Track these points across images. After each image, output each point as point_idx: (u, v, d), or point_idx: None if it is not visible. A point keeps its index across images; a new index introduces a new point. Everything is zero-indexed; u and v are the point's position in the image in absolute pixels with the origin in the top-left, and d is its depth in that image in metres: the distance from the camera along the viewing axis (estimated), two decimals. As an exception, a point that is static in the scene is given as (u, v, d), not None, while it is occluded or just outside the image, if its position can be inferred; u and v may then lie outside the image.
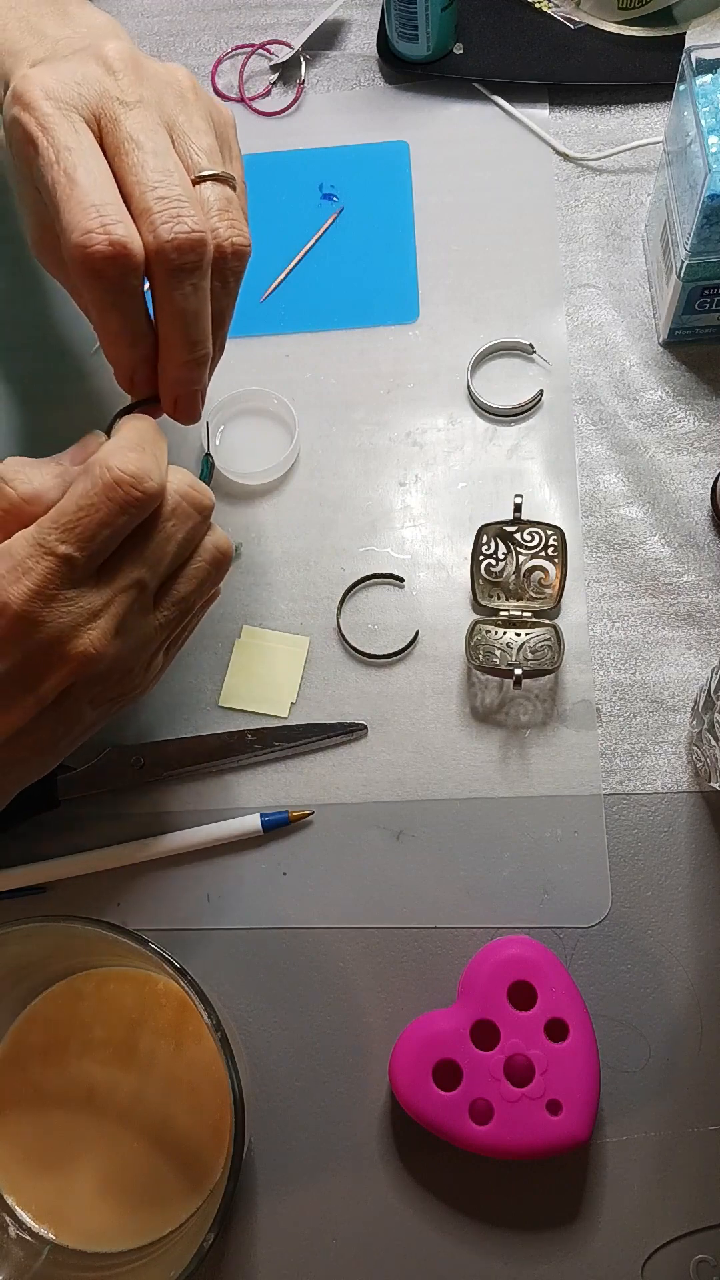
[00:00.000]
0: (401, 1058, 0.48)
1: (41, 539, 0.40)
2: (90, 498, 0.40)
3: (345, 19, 0.70)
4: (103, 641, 0.41)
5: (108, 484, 0.40)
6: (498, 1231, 0.49)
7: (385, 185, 0.66)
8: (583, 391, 0.60)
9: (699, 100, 0.50)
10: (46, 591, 0.40)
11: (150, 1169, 0.49)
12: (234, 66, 0.69)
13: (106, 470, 0.40)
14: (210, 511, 0.45)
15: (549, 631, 0.55)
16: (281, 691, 0.56)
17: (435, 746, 0.55)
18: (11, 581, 0.39)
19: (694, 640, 0.56)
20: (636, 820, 0.53)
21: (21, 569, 0.39)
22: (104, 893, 0.54)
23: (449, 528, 0.59)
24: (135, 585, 0.42)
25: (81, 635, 0.41)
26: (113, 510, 0.40)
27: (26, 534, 0.40)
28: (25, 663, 0.41)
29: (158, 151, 0.41)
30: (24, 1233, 0.48)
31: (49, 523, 0.40)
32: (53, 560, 0.40)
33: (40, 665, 0.41)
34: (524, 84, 0.66)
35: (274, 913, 0.53)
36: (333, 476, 0.60)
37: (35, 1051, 0.51)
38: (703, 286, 0.56)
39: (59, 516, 0.40)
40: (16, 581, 0.39)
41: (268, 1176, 0.50)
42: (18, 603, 0.39)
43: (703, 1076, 0.50)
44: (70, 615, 0.40)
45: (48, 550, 0.40)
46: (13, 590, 0.39)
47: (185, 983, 0.43)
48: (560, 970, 0.49)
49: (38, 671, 0.41)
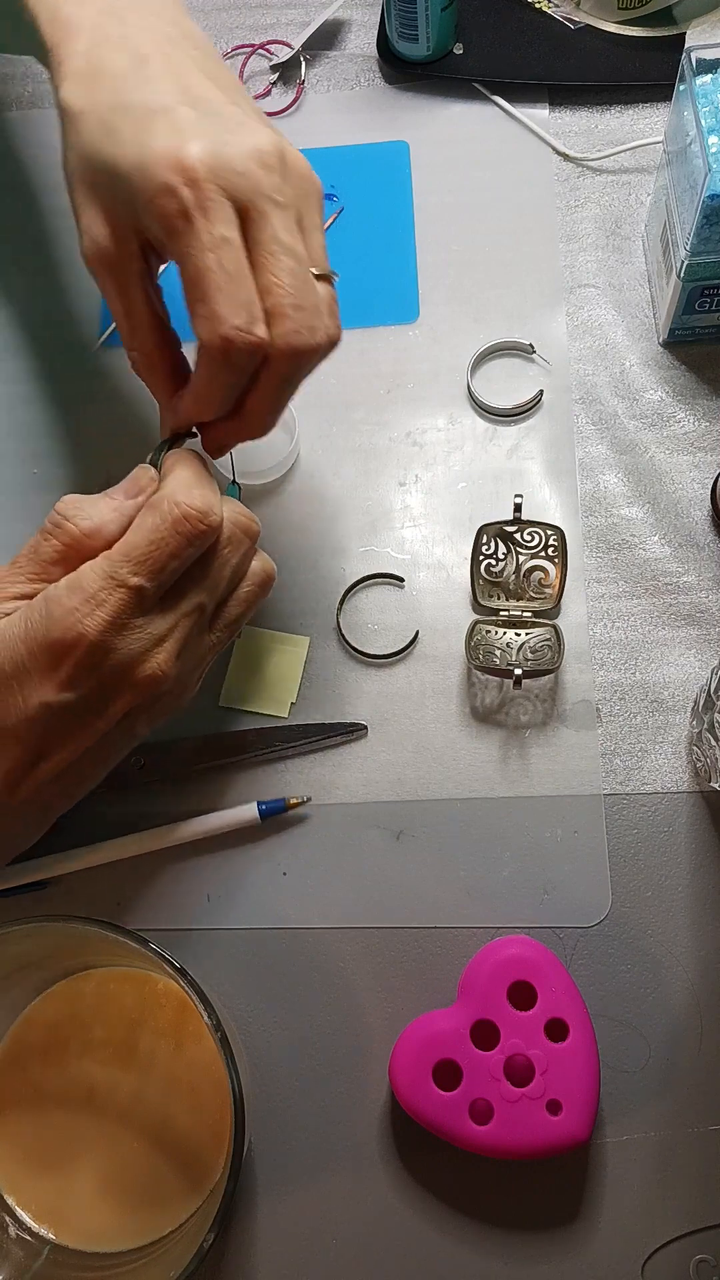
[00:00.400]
0: (401, 1058, 0.48)
1: (113, 571, 0.42)
2: (160, 532, 0.43)
3: (345, 19, 0.70)
4: (168, 664, 0.44)
5: (176, 519, 0.43)
6: (498, 1231, 0.49)
7: (385, 185, 0.66)
8: (583, 391, 0.61)
9: (699, 100, 0.50)
10: (119, 621, 0.42)
11: (150, 1169, 0.49)
12: (234, 66, 0.69)
13: (175, 506, 0.43)
14: (258, 537, 0.48)
15: (549, 631, 0.55)
16: (281, 691, 0.56)
17: (435, 746, 0.55)
18: (87, 613, 0.42)
19: (694, 640, 0.56)
20: (636, 820, 0.53)
21: (95, 601, 0.42)
22: (104, 893, 0.54)
23: (449, 528, 0.59)
24: (196, 610, 0.45)
25: (149, 660, 0.44)
26: (181, 543, 0.43)
27: (96, 567, 0.42)
28: (98, 689, 0.43)
29: (296, 256, 0.43)
30: (24, 1233, 0.48)
31: (120, 556, 0.42)
32: (125, 592, 0.42)
33: (111, 690, 0.44)
34: (524, 84, 0.66)
35: (274, 913, 0.53)
36: (333, 476, 0.60)
37: (35, 1051, 0.51)
38: (703, 286, 0.56)
39: (130, 550, 0.42)
40: (91, 613, 0.42)
41: (268, 1176, 0.50)
42: (94, 633, 0.42)
43: (703, 1076, 0.50)
44: (140, 642, 0.43)
45: (120, 582, 0.42)
46: (89, 621, 0.42)
47: (185, 983, 0.43)
48: (560, 970, 0.49)
49: (108, 696, 0.44)
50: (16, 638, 0.43)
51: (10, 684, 0.43)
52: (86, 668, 0.42)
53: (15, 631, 0.43)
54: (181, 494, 0.43)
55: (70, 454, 0.61)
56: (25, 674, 0.43)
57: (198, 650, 0.46)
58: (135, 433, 0.61)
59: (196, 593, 0.45)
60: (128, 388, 0.62)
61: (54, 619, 0.42)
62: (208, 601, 0.46)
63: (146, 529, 0.43)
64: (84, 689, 0.43)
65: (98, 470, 0.60)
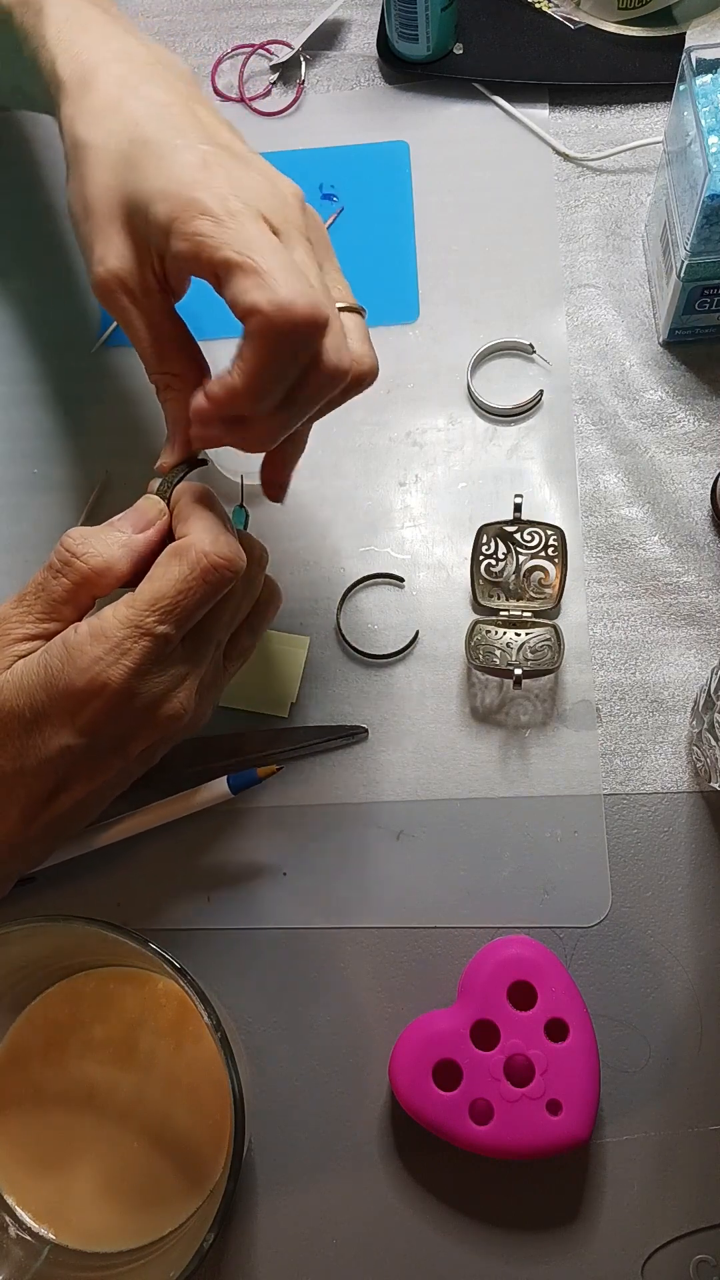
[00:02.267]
0: (401, 1058, 0.48)
1: (139, 621, 0.42)
2: (189, 582, 0.42)
3: (345, 19, 0.70)
4: (188, 702, 0.44)
5: (206, 569, 0.42)
6: (498, 1231, 0.49)
7: (385, 185, 0.65)
8: (583, 391, 0.60)
9: (699, 100, 0.50)
10: (143, 669, 0.42)
11: (150, 1169, 0.49)
12: (234, 66, 0.69)
13: (204, 556, 0.42)
14: (266, 564, 0.48)
15: (549, 631, 0.55)
16: (281, 691, 0.56)
17: (435, 746, 0.55)
18: (111, 663, 0.42)
19: (694, 640, 0.56)
20: (636, 820, 0.53)
21: (120, 650, 0.42)
22: (104, 893, 0.54)
23: (449, 528, 0.59)
24: (214, 647, 0.46)
25: (171, 700, 0.44)
26: (210, 593, 0.43)
27: (120, 615, 0.42)
28: (120, 732, 0.43)
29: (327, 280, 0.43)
30: (24, 1233, 0.48)
31: (145, 605, 0.42)
32: (150, 640, 0.42)
33: (132, 732, 0.44)
34: (524, 84, 0.66)
35: (274, 913, 0.53)
36: (333, 476, 0.60)
37: (35, 1051, 0.51)
38: (703, 286, 0.56)
39: (157, 600, 0.42)
40: (116, 663, 0.42)
41: (268, 1176, 0.50)
42: (117, 682, 0.42)
43: (703, 1076, 0.50)
44: (162, 685, 0.43)
45: (145, 631, 0.42)
46: (113, 671, 0.42)
47: (185, 983, 0.43)
48: (560, 970, 0.49)
49: (128, 737, 0.44)
50: (37, 685, 0.43)
51: (31, 728, 0.43)
52: (109, 715, 0.43)
53: (34, 678, 0.43)
54: (209, 544, 0.43)
55: (70, 454, 0.61)
56: (45, 719, 0.43)
57: (214, 682, 0.47)
58: (135, 433, 0.61)
59: (214, 631, 0.45)
60: (128, 388, 0.62)
61: (77, 668, 0.42)
62: (224, 637, 0.46)
63: (174, 579, 0.42)
64: (105, 734, 0.43)
65: (98, 470, 0.60)
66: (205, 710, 0.48)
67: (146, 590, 0.42)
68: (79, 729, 0.43)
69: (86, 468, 0.61)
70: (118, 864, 0.54)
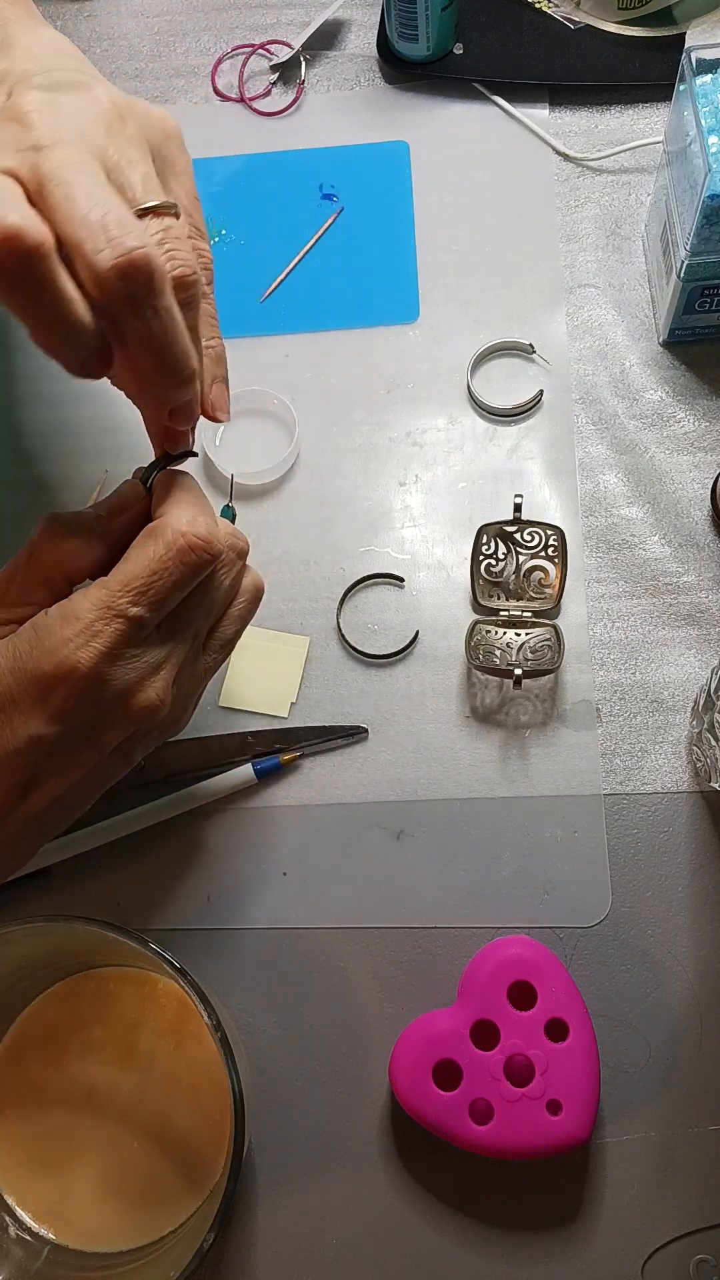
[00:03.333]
0: (401, 1058, 0.48)
1: (111, 602, 0.40)
2: (165, 562, 0.41)
3: (345, 19, 0.70)
4: (164, 693, 0.42)
5: (182, 549, 0.41)
6: (498, 1231, 0.49)
7: (385, 185, 0.65)
8: (583, 391, 0.61)
9: (699, 100, 0.50)
10: (115, 652, 0.41)
11: (150, 1169, 0.49)
12: (234, 66, 0.69)
13: (180, 536, 0.41)
14: (247, 555, 0.46)
15: (549, 631, 0.55)
16: (281, 691, 0.56)
17: (435, 746, 0.55)
18: (80, 645, 0.40)
19: (694, 640, 0.56)
20: (636, 820, 0.53)
21: (91, 632, 0.40)
22: (104, 893, 0.54)
23: (449, 528, 0.59)
24: (192, 635, 0.44)
25: (145, 690, 0.42)
26: (186, 574, 0.41)
27: (93, 596, 0.41)
28: (90, 721, 0.41)
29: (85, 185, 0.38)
30: (24, 1233, 0.48)
31: (119, 586, 0.41)
32: (123, 622, 0.40)
33: (104, 721, 0.42)
34: (524, 84, 0.66)
35: (274, 913, 0.53)
36: (333, 476, 0.60)
37: (35, 1051, 0.51)
38: (703, 286, 0.56)
39: (131, 581, 0.41)
40: (86, 645, 0.40)
41: (268, 1176, 0.50)
42: (87, 665, 0.40)
43: (703, 1076, 0.50)
44: (135, 672, 0.42)
45: (119, 613, 0.40)
46: (83, 654, 0.40)
47: (185, 983, 0.43)
48: (560, 970, 0.49)
49: (101, 727, 0.42)
50: (4, 669, 0.41)
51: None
52: (78, 700, 0.41)
53: (3, 661, 0.41)
54: (186, 523, 0.42)
55: (70, 454, 0.61)
56: (13, 706, 0.41)
57: (193, 674, 0.45)
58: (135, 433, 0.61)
59: (192, 618, 0.44)
60: (128, 388, 0.62)
61: (45, 650, 0.40)
62: (203, 626, 0.45)
63: (149, 559, 0.41)
64: (76, 722, 0.41)
65: (97, 470, 0.60)
66: (185, 707, 0.46)
67: (120, 571, 0.41)
68: (49, 716, 0.41)
69: (86, 468, 0.61)
70: (118, 864, 0.54)
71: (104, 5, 0.71)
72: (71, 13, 0.71)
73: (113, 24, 0.71)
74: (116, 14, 0.71)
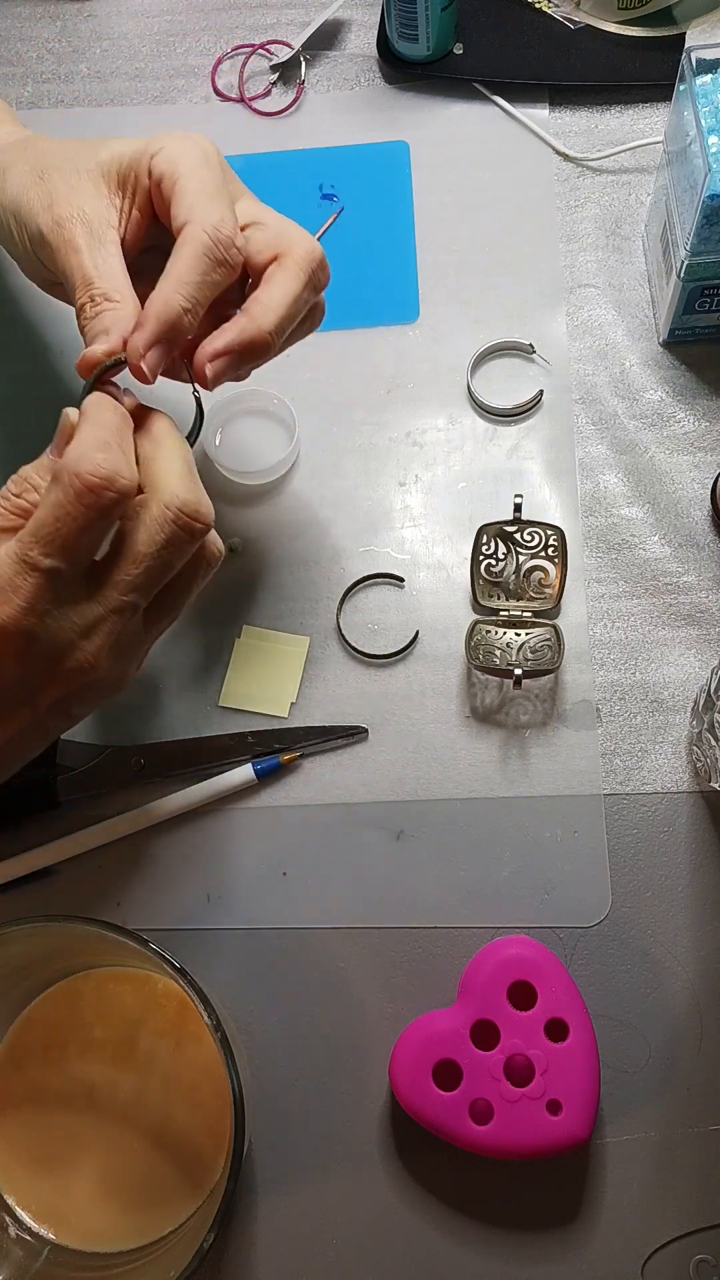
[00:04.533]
0: (401, 1058, 0.48)
1: (24, 554, 0.39)
2: (65, 507, 0.39)
3: (345, 19, 0.70)
4: (98, 654, 0.41)
5: (79, 491, 0.39)
6: (498, 1231, 0.49)
7: (385, 185, 0.66)
8: (583, 391, 0.61)
9: (699, 100, 0.50)
10: (38, 607, 0.39)
11: (150, 1169, 0.49)
12: (234, 66, 0.69)
13: (75, 477, 0.39)
14: (210, 526, 0.43)
15: (549, 631, 0.55)
16: (281, 691, 0.56)
17: (435, 746, 0.55)
18: (1, 602, 0.39)
19: (694, 640, 0.56)
20: (636, 820, 0.53)
21: (10, 588, 0.39)
22: (104, 893, 0.54)
23: (449, 528, 0.59)
24: (130, 594, 0.41)
25: (77, 650, 0.41)
26: (89, 516, 0.39)
27: (10, 550, 0.39)
28: (22, 678, 0.41)
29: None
30: (24, 1233, 0.48)
31: (29, 536, 0.39)
32: (38, 575, 0.39)
33: (37, 680, 0.41)
34: (524, 84, 0.66)
35: (274, 913, 0.53)
36: (333, 476, 0.60)
37: (35, 1051, 0.51)
38: (703, 286, 0.56)
39: (38, 529, 0.39)
40: (6, 601, 0.39)
41: (268, 1176, 0.50)
42: (9, 621, 0.39)
43: (703, 1076, 0.50)
44: (64, 630, 0.40)
45: (32, 566, 0.39)
46: (3, 610, 0.39)
47: (185, 983, 0.43)
48: (560, 970, 0.49)
49: (33, 686, 0.41)
50: None
51: None
52: (5, 657, 0.40)
53: None
54: (84, 464, 0.39)
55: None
56: None
57: (133, 637, 0.43)
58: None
59: (127, 577, 0.41)
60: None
61: None
62: (143, 585, 0.42)
63: (50, 504, 0.39)
64: (5, 679, 0.40)
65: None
66: (124, 670, 0.44)
67: (31, 520, 0.39)
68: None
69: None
70: (118, 864, 0.54)
71: (104, 5, 0.71)
72: (71, 13, 0.71)
73: (113, 24, 0.71)
74: (116, 14, 0.71)
